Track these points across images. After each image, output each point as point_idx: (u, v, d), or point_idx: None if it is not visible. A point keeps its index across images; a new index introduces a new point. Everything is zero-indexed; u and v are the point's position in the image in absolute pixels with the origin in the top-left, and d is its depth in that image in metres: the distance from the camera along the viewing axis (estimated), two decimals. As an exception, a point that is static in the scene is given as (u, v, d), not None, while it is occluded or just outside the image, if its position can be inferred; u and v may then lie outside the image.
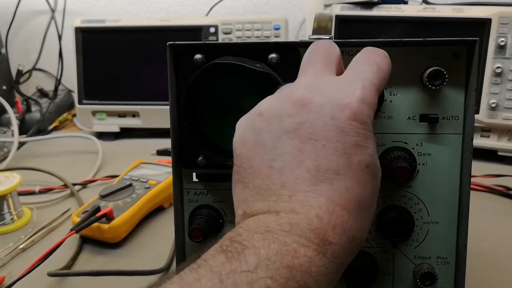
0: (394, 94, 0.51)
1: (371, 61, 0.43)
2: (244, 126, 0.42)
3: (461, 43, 0.49)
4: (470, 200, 0.50)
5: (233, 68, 0.51)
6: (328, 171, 0.37)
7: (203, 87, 0.52)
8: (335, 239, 0.36)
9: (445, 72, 0.49)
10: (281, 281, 0.32)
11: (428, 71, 0.49)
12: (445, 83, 0.49)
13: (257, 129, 0.40)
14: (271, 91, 0.44)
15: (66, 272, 0.69)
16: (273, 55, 0.52)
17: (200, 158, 0.55)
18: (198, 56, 0.52)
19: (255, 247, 0.34)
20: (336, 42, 0.52)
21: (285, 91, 0.42)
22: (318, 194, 0.36)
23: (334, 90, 0.40)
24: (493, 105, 1.02)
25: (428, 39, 0.49)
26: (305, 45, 0.53)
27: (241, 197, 0.40)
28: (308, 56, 0.46)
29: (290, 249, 0.34)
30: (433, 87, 0.49)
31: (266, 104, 0.42)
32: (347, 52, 0.52)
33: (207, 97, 0.53)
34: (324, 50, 0.46)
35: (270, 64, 0.51)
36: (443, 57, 0.50)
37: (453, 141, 0.51)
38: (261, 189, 0.38)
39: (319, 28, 0.59)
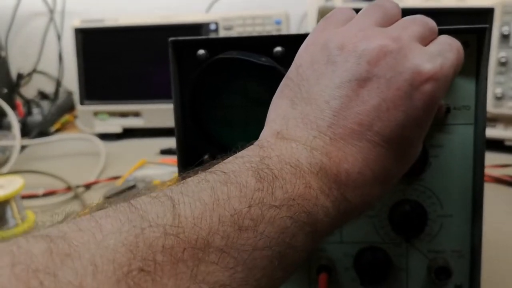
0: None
1: (454, 49, 0.40)
2: (319, 49, 0.40)
3: (471, 31, 0.48)
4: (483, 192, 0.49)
5: (237, 63, 0.50)
6: (378, 135, 0.36)
7: (207, 84, 0.51)
8: (353, 199, 0.36)
9: None
10: (299, 223, 0.33)
11: (438, 60, 0.48)
12: (455, 73, 0.48)
13: (331, 61, 0.38)
14: (276, 85, 0.42)
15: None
16: (278, 48, 0.50)
17: (206, 156, 0.53)
18: (201, 51, 0.51)
19: (284, 180, 0.34)
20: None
21: (368, 27, 0.40)
22: (358, 152, 0.36)
23: (419, 56, 0.38)
24: (499, 95, 1.01)
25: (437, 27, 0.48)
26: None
27: (283, 114, 0.39)
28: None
29: (313, 195, 0.34)
30: (443, 77, 0.48)
31: (342, 39, 0.39)
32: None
33: (211, 94, 0.51)
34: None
35: (276, 57, 0.50)
36: None
37: (465, 132, 0.49)
38: (307, 118, 0.37)
39: (323, 21, 0.58)
